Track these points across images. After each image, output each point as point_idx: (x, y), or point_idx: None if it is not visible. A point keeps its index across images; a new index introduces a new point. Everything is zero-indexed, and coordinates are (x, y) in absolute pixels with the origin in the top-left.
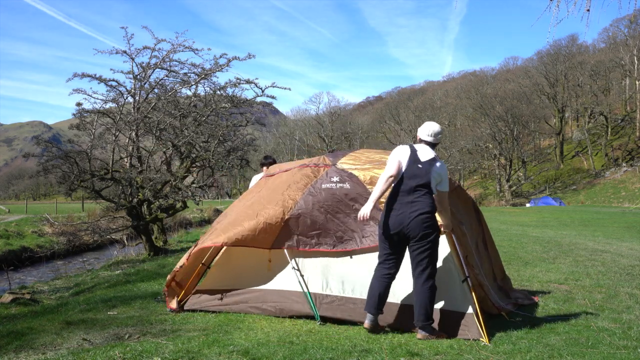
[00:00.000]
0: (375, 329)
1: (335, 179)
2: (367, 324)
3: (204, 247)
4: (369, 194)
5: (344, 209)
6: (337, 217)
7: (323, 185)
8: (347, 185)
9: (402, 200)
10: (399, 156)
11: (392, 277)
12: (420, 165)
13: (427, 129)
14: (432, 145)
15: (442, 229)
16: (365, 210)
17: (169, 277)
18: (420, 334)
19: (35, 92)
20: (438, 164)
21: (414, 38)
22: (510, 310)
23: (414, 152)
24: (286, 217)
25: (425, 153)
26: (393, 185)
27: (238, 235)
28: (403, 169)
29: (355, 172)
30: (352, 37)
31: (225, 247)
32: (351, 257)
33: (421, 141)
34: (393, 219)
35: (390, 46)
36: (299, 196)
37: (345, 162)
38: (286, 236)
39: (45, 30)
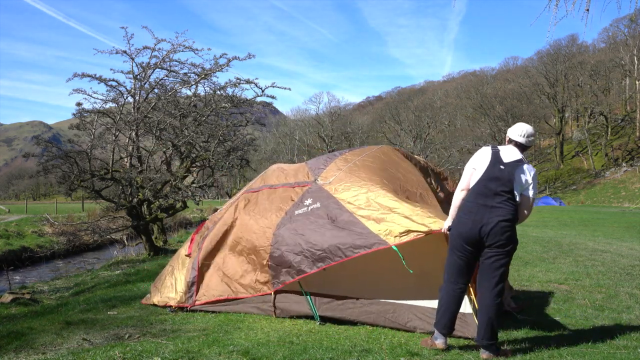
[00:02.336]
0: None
1: (307, 202)
2: (441, 344)
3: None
4: (336, 201)
5: (319, 228)
6: (314, 237)
7: (296, 212)
8: (317, 205)
9: (481, 203)
10: (475, 163)
11: (464, 290)
12: (502, 167)
13: (519, 129)
14: (522, 147)
15: None
16: (445, 225)
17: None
18: (484, 353)
19: (35, 92)
20: (525, 167)
21: (414, 38)
22: None
23: (495, 153)
24: (268, 262)
25: (510, 154)
26: (470, 187)
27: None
28: (481, 173)
29: (330, 187)
30: (352, 37)
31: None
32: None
33: (510, 142)
34: (470, 224)
35: (390, 46)
36: (274, 229)
37: (325, 176)
38: (273, 276)
39: (44, 30)
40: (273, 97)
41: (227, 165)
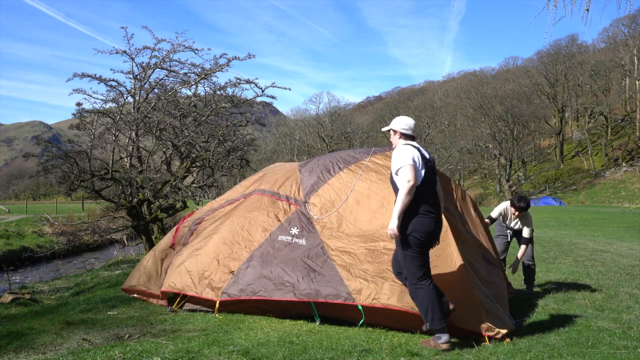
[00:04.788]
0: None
1: (294, 231)
2: (445, 343)
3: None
4: (322, 246)
5: (292, 262)
6: (283, 267)
7: (279, 238)
8: (302, 242)
9: (432, 201)
10: (415, 160)
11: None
12: (429, 163)
13: (407, 122)
14: (413, 139)
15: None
16: (392, 226)
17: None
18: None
19: (34, 92)
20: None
21: (414, 38)
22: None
23: (420, 151)
24: (232, 271)
25: (423, 151)
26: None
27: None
28: (423, 171)
29: (319, 226)
30: (352, 37)
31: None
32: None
33: (403, 136)
34: (434, 224)
35: (390, 46)
36: (254, 246)
37: (315, 202)
38: (234, 284)
39: (43, 30)
40: (273, 97)
41: (227, 165)
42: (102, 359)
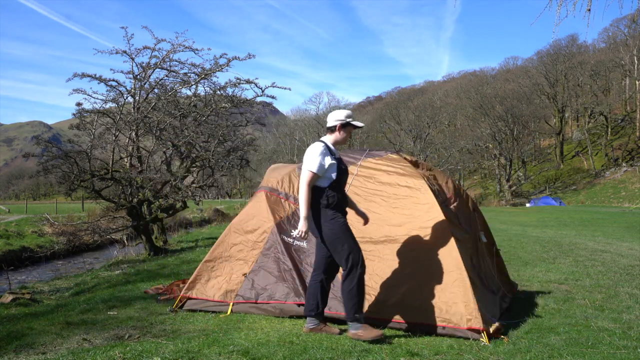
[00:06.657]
0: None
1: (294, 233)
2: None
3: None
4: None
5: (295, 264)
6: (290, 272)
7: (283, 238)
8: (303, 244)
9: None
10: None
11: None
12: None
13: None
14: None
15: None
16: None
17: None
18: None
19: (31, 92)
20: None
21: (410, 37)
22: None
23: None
24: (248, 272)
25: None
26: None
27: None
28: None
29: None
30: (348, 36)
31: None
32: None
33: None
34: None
35: (386, 45)
36: (259, 249)
37: None
38: (246, 289)
39: (39, 29)
40: (273, 97)
41: (227, 165)
42: (102, 359)
